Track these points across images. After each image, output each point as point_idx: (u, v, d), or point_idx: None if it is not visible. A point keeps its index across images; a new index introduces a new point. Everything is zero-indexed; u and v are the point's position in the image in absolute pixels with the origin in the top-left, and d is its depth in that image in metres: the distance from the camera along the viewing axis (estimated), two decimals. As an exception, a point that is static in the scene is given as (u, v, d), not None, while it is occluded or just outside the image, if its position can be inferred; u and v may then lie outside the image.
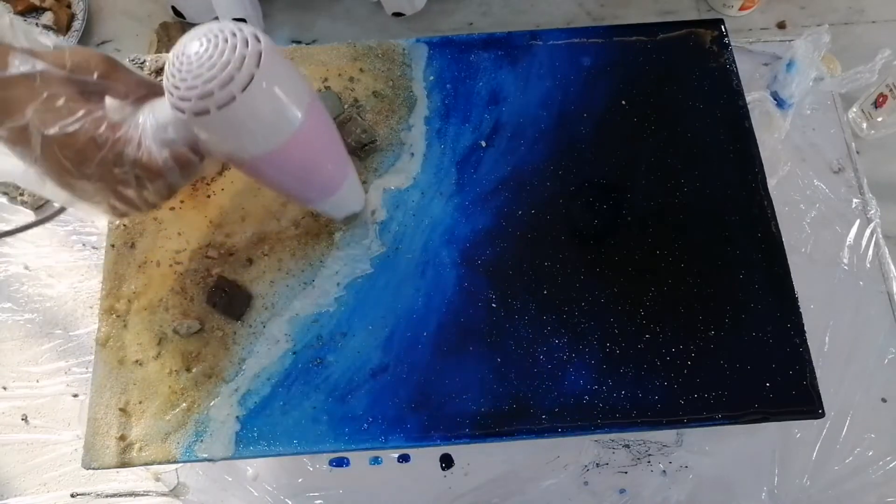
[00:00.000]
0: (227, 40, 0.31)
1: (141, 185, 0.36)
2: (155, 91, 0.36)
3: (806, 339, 0.44)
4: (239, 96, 0.31)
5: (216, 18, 1.07)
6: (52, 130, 0.33)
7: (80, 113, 0.34)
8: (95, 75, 0.35)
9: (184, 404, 0.43)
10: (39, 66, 0.33)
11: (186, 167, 0.36)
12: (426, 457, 0.53)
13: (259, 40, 0.32)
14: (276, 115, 0.33)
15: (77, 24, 1.13)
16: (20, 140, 0.34)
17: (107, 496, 0.53)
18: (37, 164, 0.34)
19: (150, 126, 0.35)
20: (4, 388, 0.55)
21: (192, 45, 0.31)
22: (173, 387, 0.44)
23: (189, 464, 0.51)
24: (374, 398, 0.43)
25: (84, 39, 1.15)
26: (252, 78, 0.31)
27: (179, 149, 0.35)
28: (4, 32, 0.35)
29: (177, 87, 0.31)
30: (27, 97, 0.33)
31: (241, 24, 0.32)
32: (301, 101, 0.34)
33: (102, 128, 0.34)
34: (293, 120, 0.34)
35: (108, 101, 0.35)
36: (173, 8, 1.08)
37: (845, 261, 0.58)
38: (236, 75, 0.30)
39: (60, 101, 0.34)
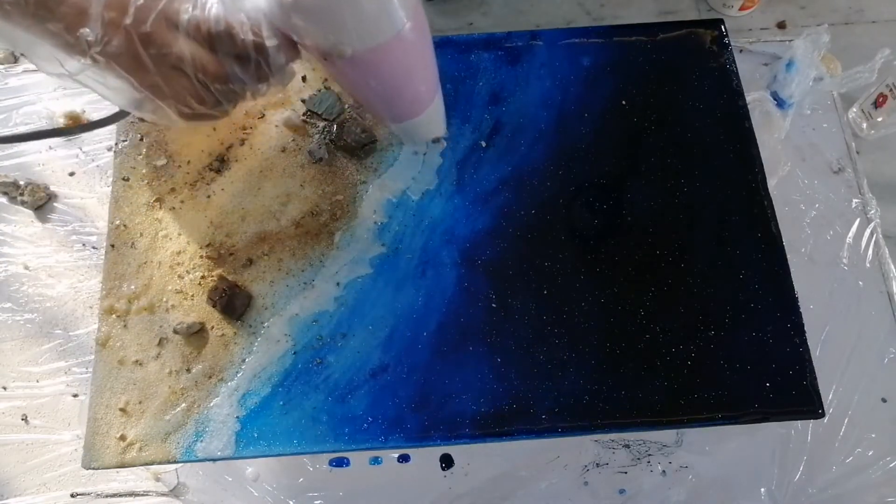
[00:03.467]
0: None
1: (231, 78, 0.34)
2: None
3: (806, 339, 0.44)
4: None
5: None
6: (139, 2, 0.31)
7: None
8: None
9: (184, 404, 0.43)
10: None
11: (290, 51, 0.35)
12: (426, 457, 0.53)
13: None
14: (381, 9, 0.33)
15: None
16: (77, 24, 0.31)
17: (107, 496, 0.53)
18: (101, 54, 0.32)
19: (258, 10, 0.34)
20: (4, 388, 0.55)
21: None
22: (173, 387, 0.44)
23: (189, 464, 0.51)
24: (373, 398, 0.43)
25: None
26: None
27: (284, 36, 0.34)
28: None
29: None
30: None
31: None
32: (388, 21, 0.34)
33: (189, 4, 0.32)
34: (397, 20, 0.34)
35: None
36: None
37: (845, 261, 0.58)
38: None
39: None
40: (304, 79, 0.52)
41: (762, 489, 0.52)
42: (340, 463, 0.53)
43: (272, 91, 0.38)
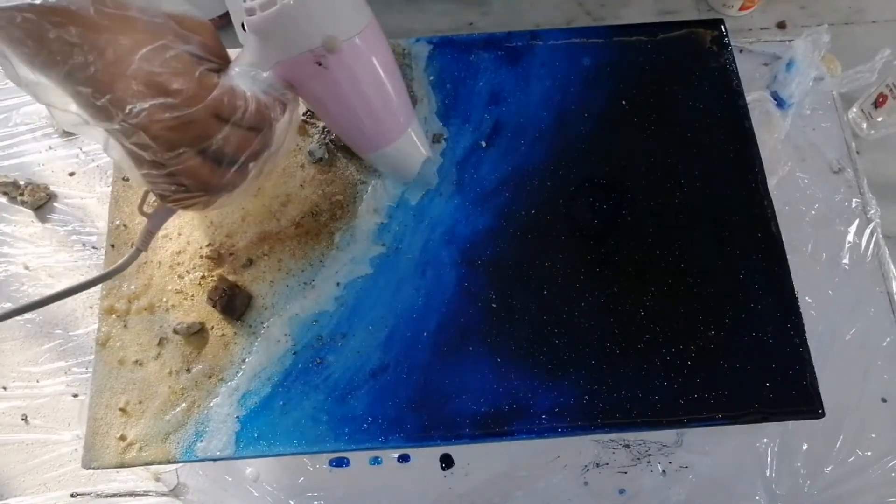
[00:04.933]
0: None
1: (239, 140, 0.36)
2: None
3: (806, 339, 0.44)
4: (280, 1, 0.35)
5: (220, 16, 1.07)
6: (161, 69, 0.32)
7: (190, 66, 0.34)
8: (200, 40, 0.35)
9: (184, 404, 0.43)
10: (158, 19, 0.33)
11: (284, 104, 0.38)
12: (426, 457, 0.53)
13: None
14: (337, 12, 0.37)
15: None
16: (115, 86, 0.32)
17: (107, 496, 0.53)
18: (117, 129, 0.33)
19: (243, 76, 0.37)
20: (4, 388, 0.55)
21: None
22: (173, 387, 0.44)
23: (189, 464, 0.51)
24: (373, 398, 0.43)
25: (84, 39, 1.14)
26: None
27: (277, 94, 0.37)
28: None
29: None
30: (139, 42, 0.32)
31: None
32: (361, 8, 0.38)
33: (208, 78, 0.34)
34: (351, 23, 0.38)
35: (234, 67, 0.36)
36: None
37: (845, 261, 0.58)
38: None
39: (174, 51, 0.33)
40: (304, 79, 0.52)
41: (762, 489, 0.52)
42: (340, 463, 0.53)
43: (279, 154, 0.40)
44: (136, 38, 0.32)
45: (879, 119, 0.76)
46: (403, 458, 0.53)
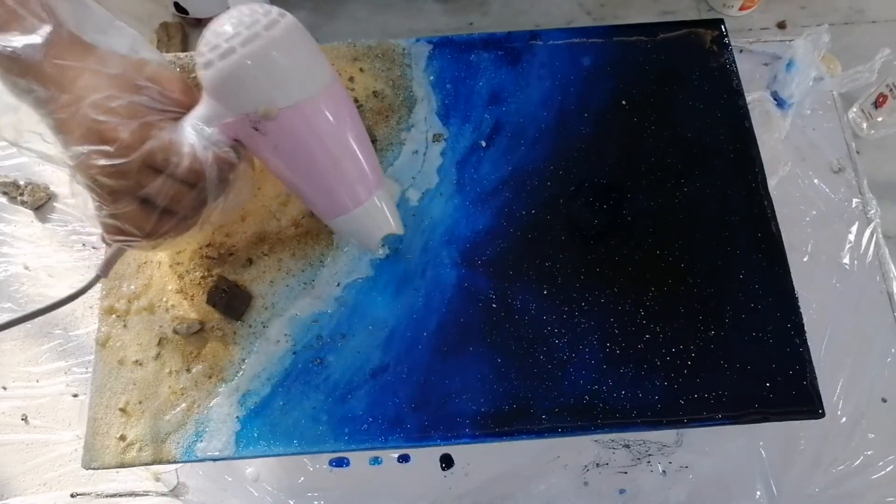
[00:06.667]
0: (249, 12, 0.35)
1: (174, 195, 0.36)
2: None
3: (806, 339, 0.44)
4: (239, 50, 0.34)
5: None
6: (102, 117, 0.34)
7: (134, 114, 0.35)
8: (164, 91, 0.37)
9: (184, 404, 0.43)
10: (113, 70, 0.35)
11: (225, 171, 0.38)
12: (426, 457, 0.53)
13: (283, 16, 0.35)
14: (277, 80, 0.35)
15: (77, 24, 1.13)
16: (64, 127, 0.34)
17: (107, 496, 0.53)
18: (69, 153, 0.35)
19: (193, 130, 0.36)
20: (4, 388, 0.55)
21: (222, 17, 0.36)
22: (173, 387, 0.44)
23: (189, 464, 0.51)
24: (373, 398, 0.43)
25: (84, 39, 1.14)
26: (257, 37, 0.34)
27: (219, 151, 0.37)
28: (84, 29, 0.36)
29: (200, 55, 0.35)
30: (92, 87, 0.34)
31: (274, 7, 0.36)
32: (311, 79, 0.36)
33: (148, 127, 0.35)
34: (297, 90, 0.36)
35: (169, 124, 0.36)
36: (175, 4, 1.08)
37: (845, 261, 0.58)
38: (243, 32, 0.34)
39: (120, 101, 0.34)
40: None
41: (762, 489, 0.52)
42: (340, 463, 0.53)
43: (227, 207, 0.40)
44: (85, 85, 0.34)
45: (879, 119, 0.76)
46: (403, 458, 0.53)
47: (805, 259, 0.58)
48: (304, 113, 0.37)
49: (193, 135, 0.36)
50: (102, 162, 0.34)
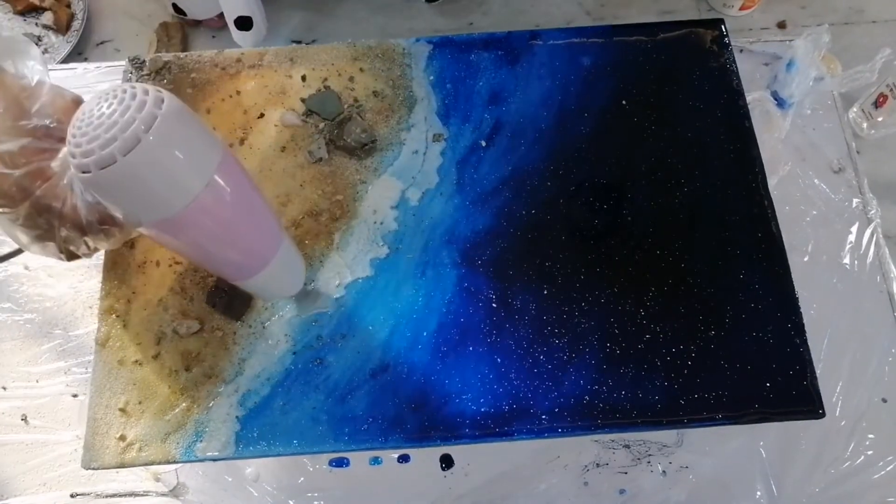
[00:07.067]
0: (123, 101, 0.30)
1: (65, 239, 0.37)
2: None
3: (806, 339, 0.44)
4: (120, 159, 0.29)
5: (220, 15, 1.07)
6: None
7: (19, 160, 0.35)
8: (54, 121, 0.36)
9: (184, 404, 0.43)
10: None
11: (109, 226, 0.38)
12: (426, 457, 0.53)
13: (161, 105, 0.30)
14: (165, 184, 0.31)
15: (77, 24, 1.14)
16: None
17: (107, 496, 0.53)
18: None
19: (78, 182, 0.35)
20: (4, 388, 0.55)
21: (93, 102, 0.31)
22: (173, 387, 0.44)
23: (189, 464, 0.51)
24: (373, 398, 0.43)
25: (84, 39, 1.15)
26: (138, 143, 0.29)
27: (102, 209, 0.36)
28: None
29: (69, 143, 0.31)
30: None
31: (153, 88, 0.31)
32: (201, 172, 0.32)
33: (34, 176, 0.35)
34: (185, 193, 0.32)
35: (63, 151, 0.36)
36: (174, 5, 1.08)
37: (845, 261, 0.58)
38: (120, 137, 0.29)
39: (4, 145, 0.34)
40: (303, 78, 0.52)
41: (762, 489, 0.52)
42: (340, 463, 0.53)
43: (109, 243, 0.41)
44: None
45: (879, 119, 0.76)
46: (403, 458, 0.53)
47: (805, 259, 0.58)
48: (169, 227, 0.33)
49: (78, 190, 0.35)
50: None
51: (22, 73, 0.36)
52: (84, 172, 0.30)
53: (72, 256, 0.40)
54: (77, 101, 0.38)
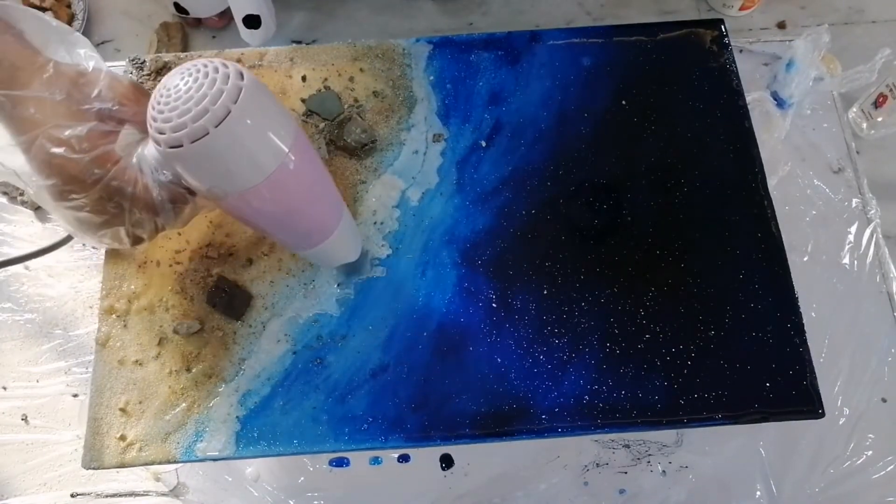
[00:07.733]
0: (207, 75, 0.31)
1: (133, 222, 0.37)
2: None
3: (806, 339, 0.44)
4: (212, 131, 0.30)
5: (221, 14, 1.07)
6: (56, 150, 0.34)
7: (84, 145, 0.34)
8: (115, 104, 0.36)
9: (184, 404, 0.43)
10: (59, 95, 0.35)
11: (180, 204, 0.37)
12: (426, 457, 0.53)
13: (242, 77, 0.31)
14: (253, 153, 0.32)
15: (77, 24, 1.14)
16: (26, 153, 0.35)
17: (107, 496, 0.53)
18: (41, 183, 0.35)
19: (148, 161, 0.35)
20: (4, 388, 0.55)
21: (174, 78, 0.31)
22: (173, 387, 0.44)
23: (189, 464, 0.51)
24: (373, 398, 0.43)
25: (84, 39, 1.14)
26: (228, 113, 0.30)
27: (174, 187, 0.36)
28: (48, 44, 0.35)
29: (154, 120, 0.31)
30: (43, 118, 0.34)
31: (229, 62, 0.32)
32: (283, 141, 0.33)
33: (102, 160, 0.35)
34: (271, 160, 0.33)
35: (122, 134, 0.36)
36: (176, 4, 1.08)
37: (845, 261, 0.58)
38: (211, 109, 0.30)
39: (71, 130, 0.34)
40: (303, 78, 0.52)
41: (762, 489, 0.52)
42: (340, 463, 0.53)
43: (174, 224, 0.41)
44: (36, 113, 0.34)
45: (879, 119, 0.76)
46: (403, 458, 0.53)
47: (805, 259, 0.58)
48: (253, 197, 0.34)
49: (148, 169, 0.35)
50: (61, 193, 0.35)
51: (76, 61, 0.36)
52: (173, 147, 0.31)
53: (137, 241, 0.39)
54: (134, 84, 0.38)
